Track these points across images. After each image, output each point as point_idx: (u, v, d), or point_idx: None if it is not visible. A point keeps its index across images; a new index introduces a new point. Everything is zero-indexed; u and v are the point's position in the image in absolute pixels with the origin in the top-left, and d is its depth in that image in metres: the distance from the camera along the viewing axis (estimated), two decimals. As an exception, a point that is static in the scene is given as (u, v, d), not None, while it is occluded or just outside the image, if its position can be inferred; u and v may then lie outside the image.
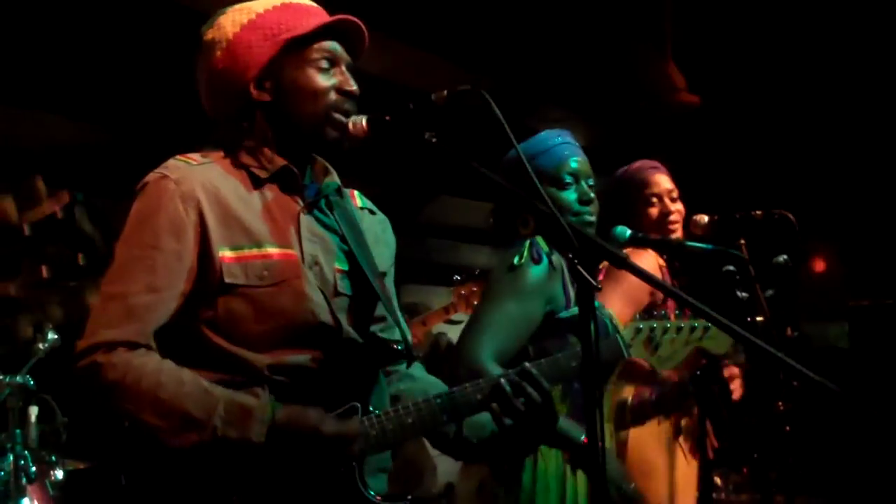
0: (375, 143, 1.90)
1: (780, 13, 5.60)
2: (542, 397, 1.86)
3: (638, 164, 3.23)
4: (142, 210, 1.82)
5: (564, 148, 2.56)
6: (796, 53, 5.86)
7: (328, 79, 1.91)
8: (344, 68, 1.94)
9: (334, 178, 2.01)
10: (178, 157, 1.90)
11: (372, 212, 2.12)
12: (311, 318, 1.83)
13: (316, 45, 1.91)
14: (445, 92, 1.78)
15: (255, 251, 1.82)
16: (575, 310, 2.33)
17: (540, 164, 2.49)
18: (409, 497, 1.88)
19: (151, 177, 1.85)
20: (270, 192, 1.91)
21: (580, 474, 2.39)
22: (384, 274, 2.04)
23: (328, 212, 1.98)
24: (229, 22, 1.92)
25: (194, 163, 1.88)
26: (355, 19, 1.94)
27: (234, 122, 1.93)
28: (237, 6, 1.96)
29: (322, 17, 1.95)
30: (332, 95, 1.90)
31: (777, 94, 6.10)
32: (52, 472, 3.33)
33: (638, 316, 2.14)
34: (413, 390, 2.00)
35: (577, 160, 2.54)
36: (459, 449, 2.06)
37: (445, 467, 4.69)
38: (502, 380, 1.86)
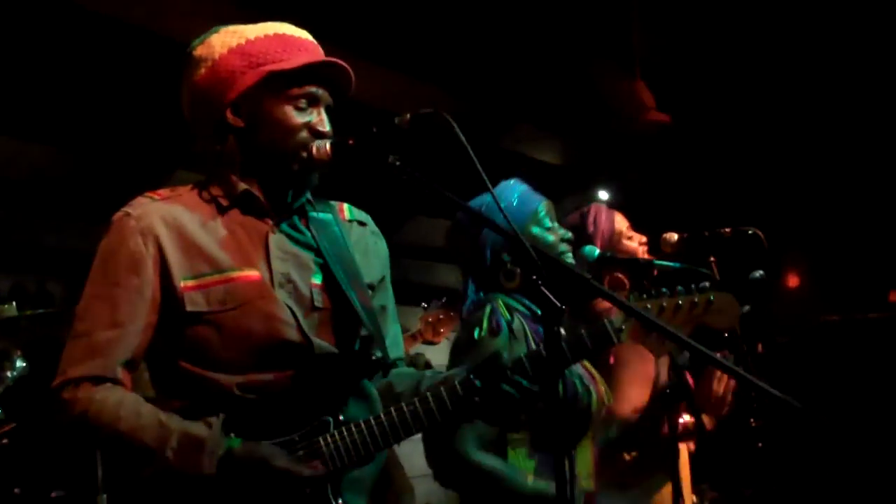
0: (339, 166, 1.90)
1: (747, 31, 5.66)
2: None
3: (595, 206, 3.23)
4: (104, 248, 1.88)
5: (532, 193, 2.58)
6: (765, 71, 5.93)
7: (303, 117, 1.93)
8: (322, 109, 1.96)
9: (306, 195, 2.02)
10: (146, 193, 1.94)
11: (362, 223, 2.12)
12: (279, 337, 1.85)
13: (298, 83, 1.93)
14: (408, 115, 1.79)
15: (216, 277, 1.85)
16: None
17: (518, 209, 2.50)
18: None
19: (116, 215, 1.90)
20: (235, 216, 1.93)
21: None
22: (374, 285, 2.05)
23: (303, 228, 1.99)
24: (219, 42, 1.94)
25: (158, 198, 1.93)
26: (343, 64, 1.95)
27: (209, 141, 1.96)
28: (231, 27, 1.98)
29: (311, 54, 1.96)
30: (304, 134, 1.92)
31: (747, 112, 6.16)
32: (21, 501, 3.29)
33: (631, 296, 2.10)
34: (380, 389, 2.01)
35: (546, 202, 2.57)
36: None
37: (424, 488, 4.67)
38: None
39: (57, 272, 4.87)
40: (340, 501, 1.82)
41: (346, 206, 2.13)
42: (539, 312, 2.39)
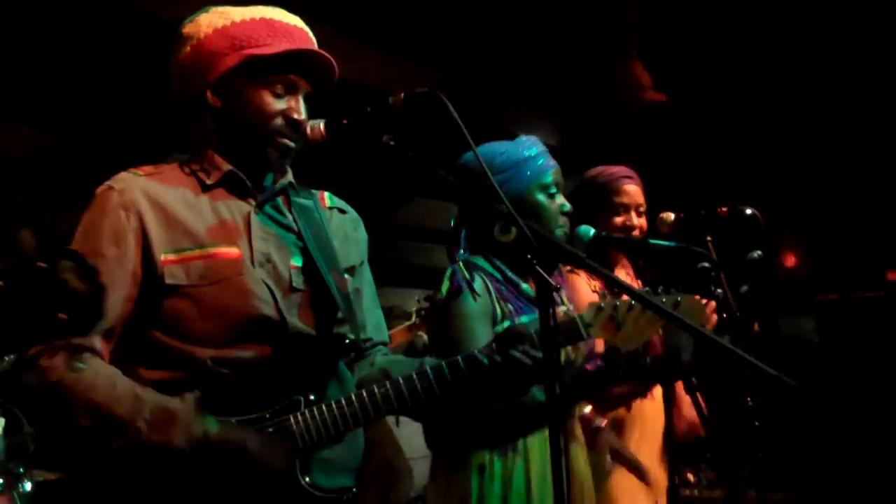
0: (333, 146, 1.91)
1: (744, 9, 5.64)
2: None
3: (615, 168, 3.22)
4: (87, 220, 1.91)
5: (547, 157, 2.58)
6: (762, 49, 5.91)
7: (279, 103, 1.95)
8: (300, 97, 1.97)
9: (287, 177, 2.05)
10: (130, 169, 1.96)
11: (342, 210, 2.16)
12: (254, 313, 1.88)
13: (277, 69, 1.95)
14: (402, 95, 1.79)
15: (196, 252, 1.88)
16: (504, 324, 2.35)
17: (528, 169, 2.51)
18: (354, 489, 1.92)
19: (99, 189, 1.93)
20: (219, 195, 1.96)
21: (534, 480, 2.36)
22: (351, 270, 2.08)
23: (285, 211, 2.02)
24: (206, 22, 1.97)
25: (142, 174, 1.95)
26: (325, 54, 1.97)
27: (191, 119, 2.00)
28: (221, 8, 2.00)
29: (295, 42, 1.97)
30: (278, 121, 1.95)
31: (744, 91, 6.15)
32: (19, 484, 3.30)
33: (604, 294, 2.13)
34: (371, 375, 2.04)
35: (556, 171, 2.57)
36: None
37: (422, 470, 4.69)
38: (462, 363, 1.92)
39: (53, 256, 4.85)
40: (307, 480, 1.85)
41: (326, 194, 2.16)
42: (509, 274, 2.46)
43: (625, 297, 2.07)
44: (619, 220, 3.13)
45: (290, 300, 1.93)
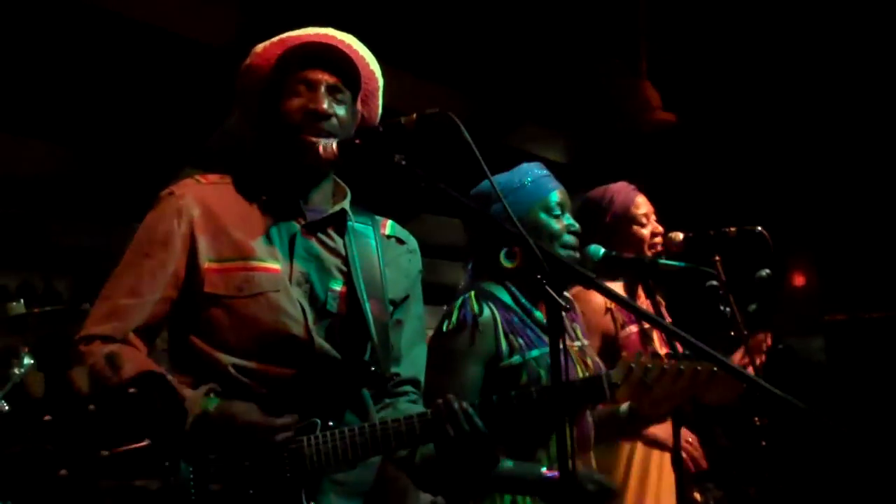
0: (346, 165, 1.93)
1: (753, 30, 5.65)
2: (469, 434, 1.85)
3: (620, 184, 3.22)
4: (145, 222, 2.00)
5: (549, 180, 2.58)
6: (771, 70, 5.92)
7: (300, 101, 1.98)
8: (321, 90, 1.99)
9: (343, 204, 2.08)
10: (195, 176, 2.04)
11: (400, 241, 2.19)
12: (283, 331, 1.90)
13: (290, 75, 2.00)
14: (415, 115, 1.80)
15: (238, 263, 1.93)
16: (513, 360, 2.33)
17: (530, 192, 2.52)
18: None
19: (162, 192, 2.02)
20: (271, 211, 2.01)
21: None
22: (396, 301, 2.08)
23: (335, 234, 2.05)
24: (243, 65, 2.06)
25: (204, 182, 2.03)
26: (317, 40, 2.00)
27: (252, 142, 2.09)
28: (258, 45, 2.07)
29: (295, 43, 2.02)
30: (298, 117, 1.97)
31: (753, 111, 6.15)
32: (28, 498, 3.29)
33: (638, 354, 2.06)
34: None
35: (561, 192, 2.57)
36: (411, 475, 2.11)
37: (428, 487, 4.66)
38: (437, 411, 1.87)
39: (64, 269, 4.88)
40: None
41: (389, 222, 2.20)
42: (523, 301, 2.44)
43: (658, 361, 2.00)
44: (645, 231, 3.12)
45: (322, 322, 1.95)
